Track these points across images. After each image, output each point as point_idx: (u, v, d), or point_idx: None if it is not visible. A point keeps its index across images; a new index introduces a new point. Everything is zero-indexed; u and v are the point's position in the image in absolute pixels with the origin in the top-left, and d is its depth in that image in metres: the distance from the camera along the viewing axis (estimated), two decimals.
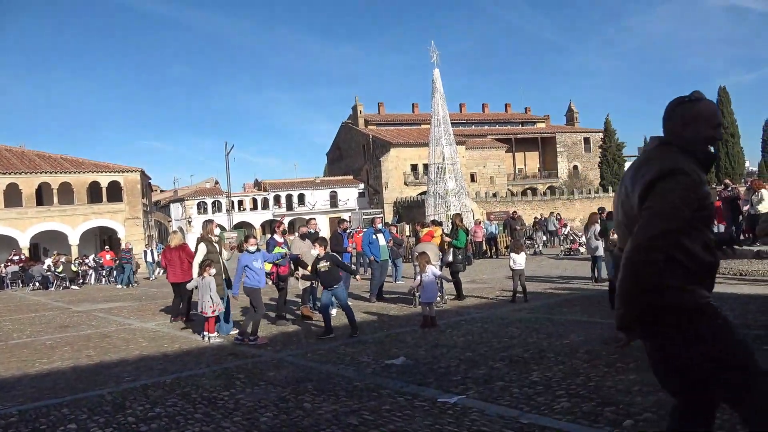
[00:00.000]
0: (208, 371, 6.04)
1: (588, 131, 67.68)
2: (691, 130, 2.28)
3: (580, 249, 20.20)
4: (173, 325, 9.76)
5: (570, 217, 44.63)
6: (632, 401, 4.07)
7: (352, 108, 66.35)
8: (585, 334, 6.62)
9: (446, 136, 29.54)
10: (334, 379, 5.36)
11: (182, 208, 57.68)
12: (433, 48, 28.75)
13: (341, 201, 58.98)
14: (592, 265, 12.06)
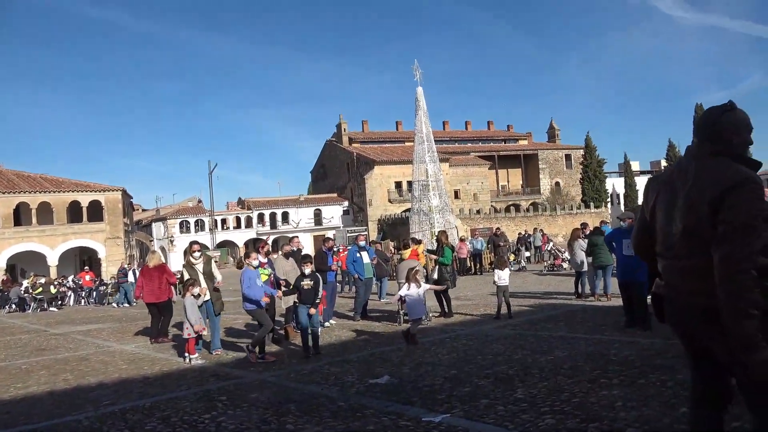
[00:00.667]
0: (189, 394, 5.93)
1: (569, 148, 68.63)
2: (739, 137, 2.37)
3: (563, 265, 20.33)
4: (153, 347, 9.58)
5: (553, 233, 44.97)
6: (616, 416, 4.08)
7: (337, 126, 66.61)
8: (569, 349, 6.63)
9: (430, 154, 29.76)
10: (318, 399, 5.29)
11: (164, 228, 57.08)
12: (417, 66, 29.10)
13: (326, 219, 58.90)
14: (576, 281, 12.13)
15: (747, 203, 2.15)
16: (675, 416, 3.99)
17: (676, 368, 5.32)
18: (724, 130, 2.38)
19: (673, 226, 2.40)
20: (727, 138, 2.37)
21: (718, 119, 2.41)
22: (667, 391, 4.62)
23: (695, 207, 2.29)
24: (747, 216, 2.13)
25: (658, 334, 7.13)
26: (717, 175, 2.26)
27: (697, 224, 2.27)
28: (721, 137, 2.38)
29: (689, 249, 2.31)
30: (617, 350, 6.38)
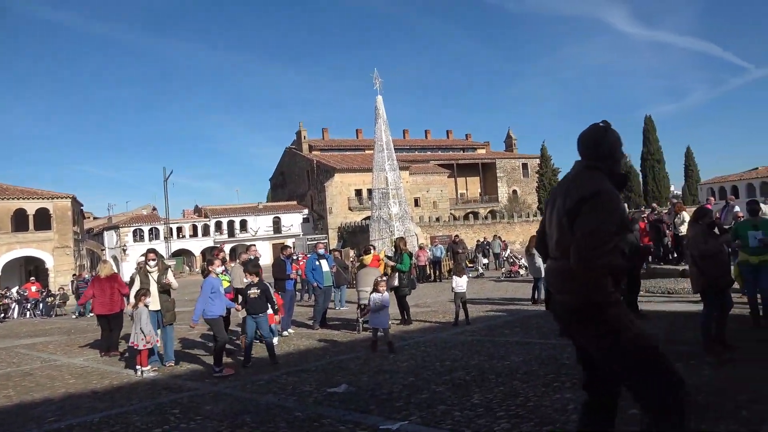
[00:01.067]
0: (140, 407, 5.74)
1: (526, 157, 70.23)
2: (612, 154, 2.67)
3: (519, 271, 20.71)
4: (103, 360, 9.25)
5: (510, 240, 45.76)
6: (569, 419, 4.16)
7: (296, 133, 66.20)
8: (524, 354, 6.75)
9: (390, 162, 29.87)
10: (274, 410, 5.21)
11: (117, 236, 55.32)
12: (376, 75, 29.24)
13: (285, 227, 58.32)
14: (534, 287, 12.37)
15: (596, 212, 2.45)
16: (624, 417, 4.10)
17: None
18: (601, 147, 2.66)
19: (552, 232, 2.70)
20: (603, 154, 2.66)
21: (599, 137, 2.69)
22: None
23: (561, 214, 2.59)
24: (596, 222, 2.43)
25: None
26: (580, 187, 2.56)
27: (563, 230, 2.58)
28: (598, 154, 2.66)
29: (561, 252, 2.60)
30: (570, 354, 6.51)
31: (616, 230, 2.48)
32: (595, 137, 2.70)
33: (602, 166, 2.63)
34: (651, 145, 59.61)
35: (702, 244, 6.18)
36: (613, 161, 2.67)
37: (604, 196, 2.48)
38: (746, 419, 3.85)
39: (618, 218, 2.50)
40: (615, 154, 2.68)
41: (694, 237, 6.37)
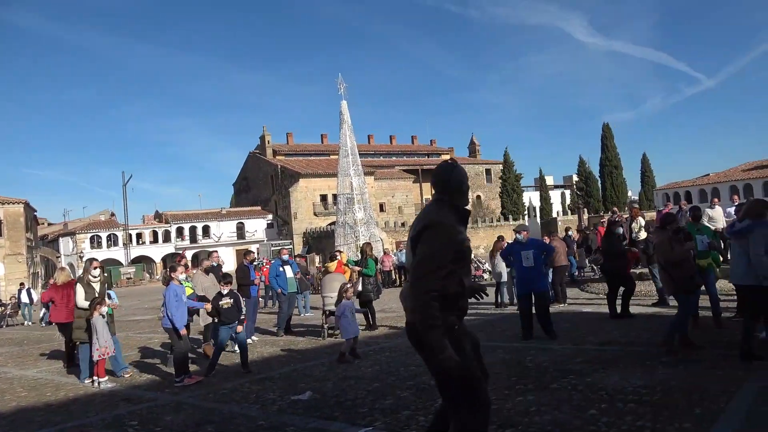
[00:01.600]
0: (97, 420, 5.57)
1: (489, 163, 71.27)
2: (459, 189, 2.95)
3: (483, 275, 20.97)
4: (56, 370, 8.92)
5: (474, 245, 46.35)
6: (531, 421, 4.24)
7: (260, 137, 65.50)
8: (487, 358, 6.76)
9: (354, 167, 29.91)
10: (237, 419, 5.13)
11: (73, 243, 53.53)
12: (341, 80, 29.28)
13: (249, 232, 57.54)
14: (496, 291, 12.54)
15: (432, 240, 2.72)
16: (584, 418, 4.21)
17: (585, 372, 5.62)
18: (450, 183, 2.95)
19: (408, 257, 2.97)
20: (451, 189, 2.94)
21: (448, 174, 2.97)
22: (577, 394, 4.87)
23: (408, 241, 2.91)
24: (430, 250, 2.71)
25: (569, 341, 7.51)
26: (424, 217, 2.88)
27: (409, 255, 2.90)
28: (446, 188, 2.95)
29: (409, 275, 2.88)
30: (533, 357, 6.65)
31: (453, 259, 2.73)
32: (444, 173, 2.97)
33: (448, 198, 2.91)
34: (609, 152, 61.30)
35: (668, 251, 6.35)
36: (459, 195, 2.94)
37: (441, 226, 2.76)
38: (699, 417, 3.99)
39: (454, 247, 2.75)
40: (461, 188, 2.95)
41: (661, 243, 6.55)
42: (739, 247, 5.64)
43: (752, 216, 5.62)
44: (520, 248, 8.46)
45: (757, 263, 5.40)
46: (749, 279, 5.51)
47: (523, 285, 8.30)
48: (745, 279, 5.57)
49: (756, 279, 5.43)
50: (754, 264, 5.43)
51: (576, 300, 12.23)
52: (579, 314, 10.10)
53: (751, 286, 5.53)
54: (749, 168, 48.04)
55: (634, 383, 5.04)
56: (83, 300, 8.01)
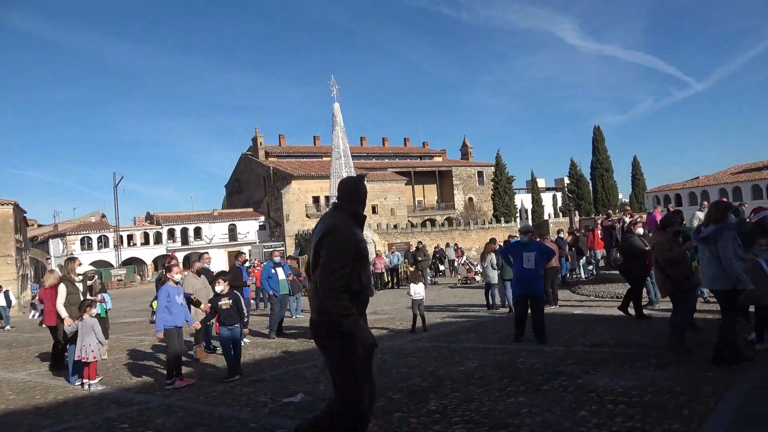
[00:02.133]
0: (86, 423, 5.52)
1: (481, 165, 71.48)
2: (358, 199, 3.47)
3: (476, 278, 21.03)
4: (46, 373, 8.85)
5: (467, 246, 46.48)
6: (522, 423, 4.26)
7: (252, 139, 65.37)
8: (479, 360, 6.85)
9: (347, 169, 29.91)
10: (228, 422, 5.11)
11: (63, 244, 53.13)
12: (333, 82, 29.28)
13: (241, 234, 57.35)
14: (486, 293, 12.58)
15: (332, 243, 3.15)
16: (575, 419, 4.23)
17: (575, 374, 5.65)
18: (352, 193, 3.46)
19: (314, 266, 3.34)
20: (350, 199, 3.44)
21: (352, 187, 3.50)
22: (568, 396, 4.89)
23: (312, 245, 3.32)
24: (331, 251, 3.14)
25: (560, 343, 7.55)
26: (324, 223, 3.32)
27: (313, 258, 3.29)
28: (348, 198, 3.44)
29: (313, 277, 3.29)
30: (524, 358, 6.67)
31: (354, 258, 3.17)
32: (352, 185, 3.52)
33: (347, 206, 3.40)
34: (600, 155, 61.69)
35: (667, 251, 6.35)
36: (357, 203, 3.45)
37: (338, 230, 3.19)
38: (688, 417, 4.03)
39: (353, 248, 3.18)
40: (360, 198, 3.47)
41: (660, 243, 6.54)
42: (709, 253, 5.68)
43: (715, 220, 5.70)
44: (522, 249, 8.23)
45: (728, 266, 5.43)
46: (723, 283, 5.55)
47: (521, 287, 8.12)
48: (718, 284, 5.61)
49: (729, 282, 5.47)
50: (726, 267, 5.45)
51: (567, 302, 12.29)
52: (570, 316, 10.15)
53: (724, 291, 5.57)
54: (738, 171, 48.50)
55: (624, 384, 5.07)
56: (62, 302, 7.93)
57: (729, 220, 5.65)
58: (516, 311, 8.20)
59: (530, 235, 8.61)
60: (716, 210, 5.80)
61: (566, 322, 9.47)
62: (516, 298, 8.29)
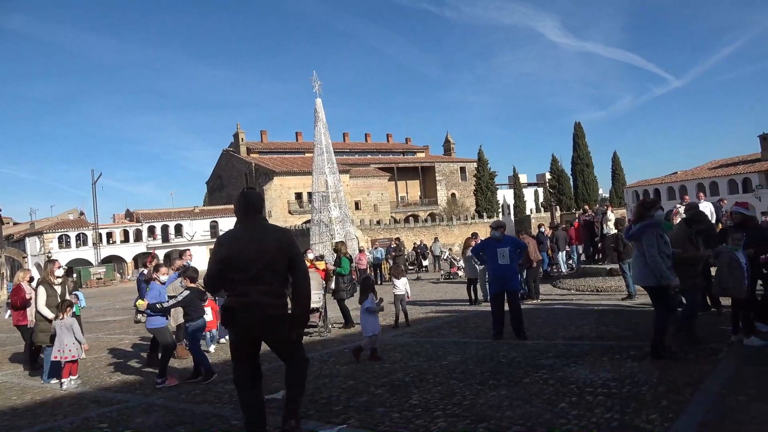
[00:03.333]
0: (65, 423, 5.44)
1: (464, 161, 71.78)
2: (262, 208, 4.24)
3: (458, 273, 21.13)
4: (22, 373, 8.70)
5: (450, 242, 46.69)
6: (503, 415, 4.29)
7: (234, 135, 64.81)
8: (461, 354, 6.89)
9: (329, 165, 29.76)
10: (210, 419, 5.07)
11: (40, 242, 52.18)
12: (315, 77, 29.09)
13: (222, 231, 56.77)
14: (468, 287, 12.65)
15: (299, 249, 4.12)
16: (555, 412, 4.28)
17: (556, 367, 5.71)
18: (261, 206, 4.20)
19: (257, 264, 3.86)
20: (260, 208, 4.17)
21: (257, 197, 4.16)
22: (548, 388, 4.95)
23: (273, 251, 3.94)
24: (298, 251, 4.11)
25: (542, 336, 7.63)
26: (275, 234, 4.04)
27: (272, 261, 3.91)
28: (263, 208, 4.17)
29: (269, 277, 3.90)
30: (506, 352, 6.73)
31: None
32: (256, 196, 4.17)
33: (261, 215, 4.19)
34: (580, 150, 62.28)
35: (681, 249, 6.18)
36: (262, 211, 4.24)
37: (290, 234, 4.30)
38: (665, 408, 4.10)
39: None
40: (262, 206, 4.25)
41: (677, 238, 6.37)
42: (637, 250, 5.86)
43: (639, 219, 5.86)
44: (495, 245, 8.07)
45: (652, 263, 5.59)
46: (650, 280, 5.70)
47: (497, 283, 7.94)
48: (645, 280, 5.77)
49: (656, 279, 5.61)
50: (650, 264, 5.61)
51: (548, 296, 12.42)
52: (551, 310, 10.26)
53: (652, 287, 5.72)
54: (715, 166, 49.41)
55: (603, 377, 5.14)
56: (43, 304, 7.81)
57: (654, 218, 5.78)
58: (493, 310, 7.90)
59: (502, 230, 8.36)
60: (638, 209, 5.99)
61: (547, 315, 9.57)
62: (493, 295, 8.04)
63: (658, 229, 5.74)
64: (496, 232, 8.32)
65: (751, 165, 44.76)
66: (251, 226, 4.03)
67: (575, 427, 3.89)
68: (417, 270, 27.60)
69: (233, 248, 3.96)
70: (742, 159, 47.91)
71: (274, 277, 3.92)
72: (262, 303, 3.85)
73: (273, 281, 3.91)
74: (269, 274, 3.88)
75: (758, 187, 42.09)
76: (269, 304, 3.87)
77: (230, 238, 4.08)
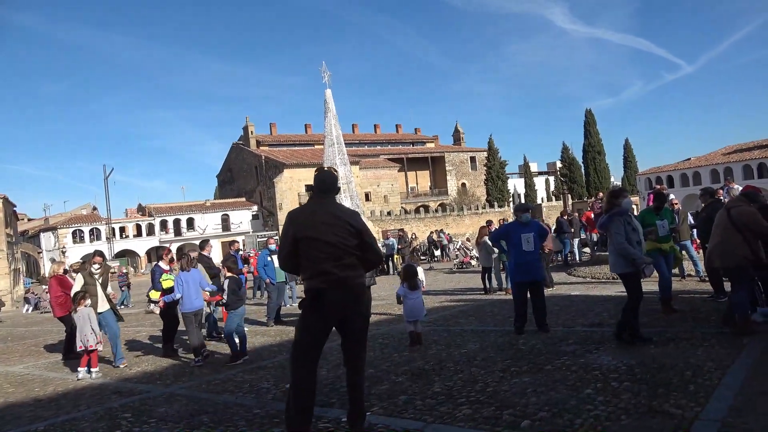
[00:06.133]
0: (88, 413, 5.48)
1: (474, 150, 71.40)
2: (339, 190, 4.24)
3: (471, 262, 21.07)
4: (43, 365, 8.79)
5: (460, 232, 46.53)
6: (528, 402, 4.25)
7: (243, 128, 64.90)
8: (480, 342, 6.85)
9: (340, 156, 29.75)
10: (233, 408, 5.09)
11: (54, 238, 52.74)
12: (324, 68, 29.02)
13: (234, 224, 57.11)
14: (483, 276, 12.59)
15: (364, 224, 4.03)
16: (580, 397, 4.24)
17: (577, 353, 5.66)
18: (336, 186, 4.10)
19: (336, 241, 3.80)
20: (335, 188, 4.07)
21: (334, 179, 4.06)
22: (571, 375, 4.90)
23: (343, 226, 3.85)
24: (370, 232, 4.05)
25: (560, 324, 7.56)
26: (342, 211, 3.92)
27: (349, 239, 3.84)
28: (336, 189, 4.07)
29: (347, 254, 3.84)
30: (525, 340, 6.68)
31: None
32: (333, 179, 4.06)
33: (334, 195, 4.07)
34: (592, 138, 61.78)
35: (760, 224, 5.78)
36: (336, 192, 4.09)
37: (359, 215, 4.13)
38: (694, 393, 4.04)
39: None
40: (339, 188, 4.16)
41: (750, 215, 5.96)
42: (609, 239, 5.99)
43: (608, 208, 5.98)
44: (521, 230, 7.39)
45: (621, 250, 5.75)
46: (620, 267, 5.85)
47: (523, 272, 7.28)
48: (617, 267, 5.92)
49: (627, 266, 5.74)
50: (620, 252, 5.77)
51: (564, 284, 12.34)
52: (567, 297, 10.18)
53: (624, 274, 5.85)
54: (729, 152, 48.70)
55: (627, 362, 5.08)
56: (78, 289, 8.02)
57: (622, 206, 5.91)
58: (516, 301, 7.33)
59: (530, 213, 7.82)
60: (608, 197, 6.12)
61: (564, 303, 9.49)
62: (516, 285, 7.42)
63: (625, 216, 5.86)
64: (527, 214, 7.64)
65: (767, 150, 44.08)
66: (327, 204, 3.93)
67: (603, 413, 3.84)
68: (429, 260, 27.56)
69: (308, 226, 3.84)
70: (757, 144, 47.16)
71: (353, 254, 3.85)
72: (349, 278, 3.81)
73: (352, 258, 3.84)
74: (348, 251, 3.82)
75: None
76: (355, 276, 3.85)
77: (306, 214, 3.91)
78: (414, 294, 7.45)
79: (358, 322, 3.90)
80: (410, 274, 7.66)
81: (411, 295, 7.44)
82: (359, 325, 3.92)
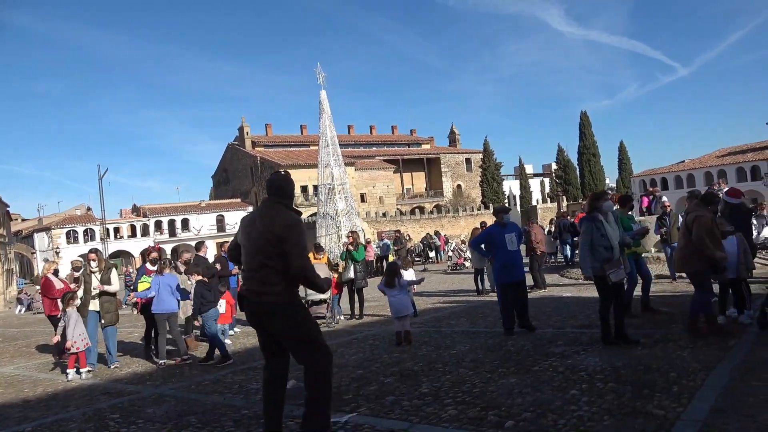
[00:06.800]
0: (77, 414, 5.48)
1: (469, 152, 71.49)
2: (292, 194, 3.94)
3: (465, 263, 21.11)
4: (34, 366, 8.77)
5: (456, 233, 46.56)
6: (513, 403, 4.28)
7: (239, 129, 64.83)
8: (470, 343, 6.88)
9: (335, 157, 29.71)
10: (221, 409, 5.09)
11: (48, 238, 52.53)
12: (319, 69, 28.98)
13: (229, 225, 57.00)
14: (476, 277, 12.63)
15: (299, 234, 3.66)
16: (565, 398, 4.27)
17: (565, 355, 5.69)
18: (287, 190, 3.89)
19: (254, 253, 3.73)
20: (287, 195, 3.89)
21: (284, 182, 3.91)
22: (558, 376, 4.93)
23: (265, 234, 3.67)
24: (301, 241, 3.65)
25: (550, 325, 7.60)
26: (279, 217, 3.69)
27: (267, 246, 3.65)
28: (284, 194, 3.86)
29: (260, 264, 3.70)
30: (514, 341, 6.71)
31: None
32: (281, 181, 3.90)
33: (285, 201, 3.85)
34: (587, 140, 61.92)
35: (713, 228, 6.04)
36: (291, 199, 3.91)
37: (300, 223, 3.75)
38: (677, 394, 4.07)
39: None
40: (292, 193, 3.94)
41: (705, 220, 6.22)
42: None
43: (590, 210, 6.18)
44: (503, 231, 7.49)
45: (580, 255, 6.12)
46: (587, 270, 6.04)
47: (508, 273, 7.34)
48: (585, 270, 6.10)
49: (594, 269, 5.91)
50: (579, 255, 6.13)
51: (556, 285, 12.38)
52: (559, 299, 10.23)
53: (592, 276, 6.01)
54: (723, 154, 48.97)
55: (614, 364, 5.12)
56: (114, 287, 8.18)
57: (602, 208, 6.06)
58: (503, 303, 7.35)
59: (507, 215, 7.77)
60: (589, 200, 6.33)
61: (555, 305, 9.54)
62: (502, 286, 7.42)
63: (596, 222, 5.97)
64: (507, 215, 7.69)
65: (760, 152, 44.34)
66: (264, 211, 3.84)
67: (586, 413, 3.87)
68: (424, 261, 27.61)
69: (241, 231, 3.91)
70: (750, 147, 47.45)
71: (270, 267, 3.66)
72: (257, 293, 3.73)
73: (268, 270, 3.67)
74: (264, 263, 3.68)
75: (767, 175, 41.70)
76: (262, 293, 3.70)
77: (247, 220, 3.93)
78: (394, 291, 7.65)
79: (284, 338, 3.78)
80: (389, 272, 7.93)
81: (391, 293, 7.66)
82: (288, 342, 3.79)
